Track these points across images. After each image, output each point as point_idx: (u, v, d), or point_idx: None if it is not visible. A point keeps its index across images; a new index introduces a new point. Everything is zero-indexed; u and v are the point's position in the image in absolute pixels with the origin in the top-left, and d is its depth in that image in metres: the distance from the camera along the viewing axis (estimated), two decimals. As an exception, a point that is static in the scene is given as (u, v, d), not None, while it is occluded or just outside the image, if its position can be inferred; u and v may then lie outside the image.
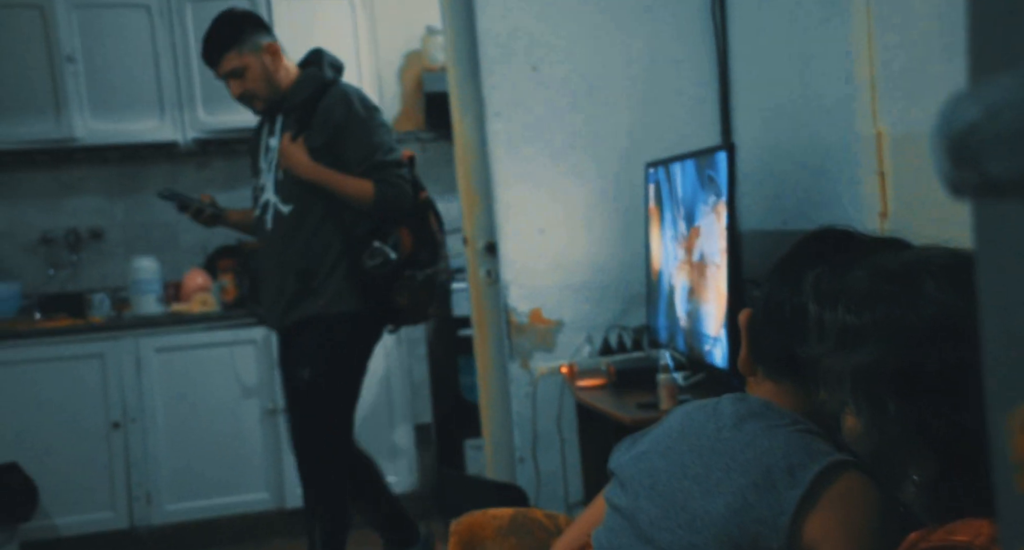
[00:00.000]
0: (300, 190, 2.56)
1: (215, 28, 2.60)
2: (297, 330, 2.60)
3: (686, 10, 2.52)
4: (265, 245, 2.66)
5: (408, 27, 4.12)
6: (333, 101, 2.56)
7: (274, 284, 2.62)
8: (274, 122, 2.64)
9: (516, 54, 2.57)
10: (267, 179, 2.62)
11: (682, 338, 2.22)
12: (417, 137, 4.24)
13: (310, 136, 2.53)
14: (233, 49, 2.56)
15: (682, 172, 2.22)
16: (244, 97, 2.60)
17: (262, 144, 2.67)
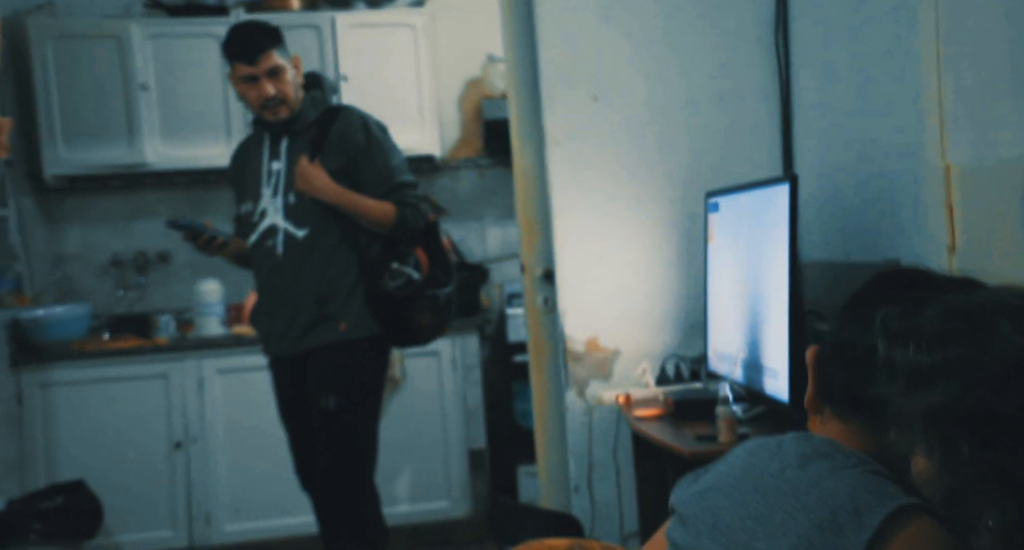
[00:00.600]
0: (315, 214, 2.53)
1: (255, 26, 2.57)
2: (314, 356, 2.56)
3: (749, 42, 2.52)
4: (272, 271, 2.57)
5: (469, 55, 4.18)
6: (350, 125, 2.56)
7: (285, 310, 2.56)
8: (276, 145, 2.59)
9: (577, 84, 2.59)
10: (272, 204, 2.56)
11: (741, 370, 2.19)
12: (475, 163, 4.29)
13: (325, 159, 2.52)
14: (276, 48, 2.52)
15: (743, 202, 2.20)
16: (273, 100, 2.51)
17: (263, 168, 2.59)
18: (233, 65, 2.53)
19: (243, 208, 2.64)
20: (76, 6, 3.99)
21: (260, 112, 2.55)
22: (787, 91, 2.48)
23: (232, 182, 2.73)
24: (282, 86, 2.52)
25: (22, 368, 3.49)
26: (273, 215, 2.56)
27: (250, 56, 2.49)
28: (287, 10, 3.95)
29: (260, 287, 2.65)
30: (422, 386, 3.77)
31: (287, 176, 2.55)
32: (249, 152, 2.67)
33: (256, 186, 2.59)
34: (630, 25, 2.57)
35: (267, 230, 2.56)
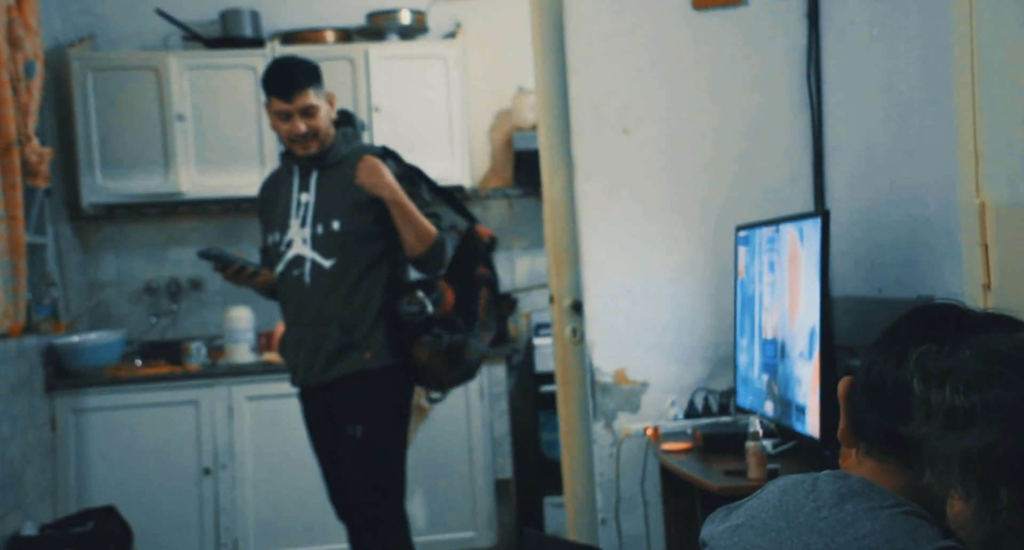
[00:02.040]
0: (342, 244, 2.56)
1: (296, 64, 2.61)
2: (341, 385, 2.57)
3: (781, 75, 2.52)
4: (299, 301, 2.60)
5: (500, 86, 4.23)
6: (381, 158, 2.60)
7: (311, 339, 2.58)
8: (306, 177, 2.62)
9: (608, 116, 2.61)
10: (299, 234, 2.59)
11: (771, 405, 2.18)
12: (505, 194, 4.32)
13: (356, 192, 2.54)
14: (313, 87, 2.57)
15: (774, 236, 2.20)
16: (305, 136, 2.55)
17: (292, 200, 2.62)
18: (269, 98, 2.59)
19: (270, 239, 2.67)
20: (117, 39, 4.09)
21: (290, 145, 2.61)
22: (819, 125, 2.48)
23: (260, 214, 2.76)
24: (314, 122, 2.56)
25: (56, 393, 3.54)
26: (300, 246, 2.59)
27: (286, 93, 2.54)
28: (322, 42, 4.02)
29: (287, 317, 2.67)
30: (449, 415, 3.78)
31: (316, 208, 2.58)
32: (278, 184, 2.71)
33: (284, 217, 2.63)
34: (661, 58, 2.59)
35: (293, 260, 2.59)
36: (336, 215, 2.57)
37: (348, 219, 2.57)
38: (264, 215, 2.73)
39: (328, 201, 2.58)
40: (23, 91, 3.27)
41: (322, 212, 2.57)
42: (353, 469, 2.58)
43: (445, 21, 4.21)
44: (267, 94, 2.60)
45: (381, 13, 4.07)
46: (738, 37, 2.55)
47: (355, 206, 2.56)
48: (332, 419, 2.61)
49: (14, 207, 3.18)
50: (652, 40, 2.59)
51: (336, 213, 2.57)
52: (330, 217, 2.57)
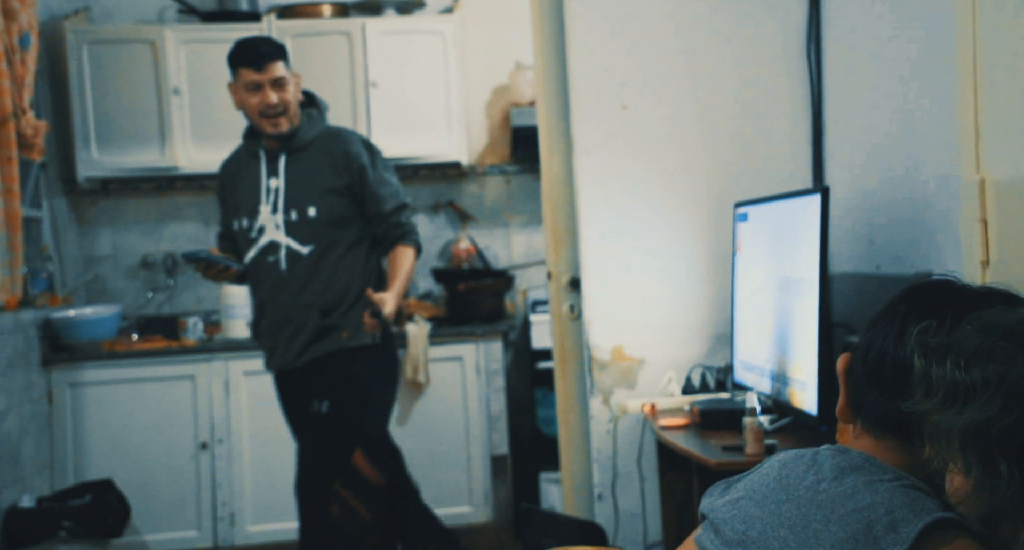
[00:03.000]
0: (318, 230, 2.57)
1: (264, 38, 2.66)
2: (316, 365, 2.60)
3: (781, 52, 2.51)
4: (274, 287, 2.60)
5: (497, 62, 4.20)
6: (352, 145, 2.61)
7: (289, 325, 2.59)
8: (273, 161, 2.60)
9: (606, 93, 2.59)
10: (271, 220, 2.57)
11: (768, 381, 2.18)
12: (502, 170, 4.31)
13: (332, 177, 2.57)
14: (283, 60, 2.58)
15: (772, 213, 2.20)
16: (276, 108, 2.54)
17: (261, 185, 2.60)
18: (238, 71, 2.56)
19: (236, 224, 2.64)
20: (112, 11, 4.05)
21: (259, 121, 2.56)
22: (818, 102, 2.47)
23: (222, 197, 2.73)
24: (285, 95, 2.55)
25: (53, 367, 3.54)
26: (273, 232, 2.57)
27: (258, 63, 2.53)
28: (318, 17, 3.99)
29: (260, 303, 2.66)
30: (445, 392, 3.79)
31: (288, 193, 2.56)
32: (240, 167, 2.67)
33: (253, 202, 2.60)
34: (660, 35, 2.57)
35: (267, 246, 2.58)
36: (311, 201, 2.56)
37: (324, 205, 2.56)
38: (227, 199, 2.69)
39: (300, 186, 2.56)
40: (18, 63, 3.24)
41: (295, 198, 2.56)
42: (310, 443, 2.61)
43: (443, -5, 4.18)
44: (235, 67, 2.57)
45: (378, -13, 4.03)
46: (738, 13, 2.54)
47: (330, 191, 2.56)
48: (297, 400, 2.65)
49: (10, 181, 3.16)
50: (651, 16, 2.57)
51: (311, 199, 2.56)
52: (304, 203, 2.56)
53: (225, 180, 2.71)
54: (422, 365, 3.74)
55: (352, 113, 3.91)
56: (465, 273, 4.08)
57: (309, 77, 3.91)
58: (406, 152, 3.96)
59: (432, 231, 4.28)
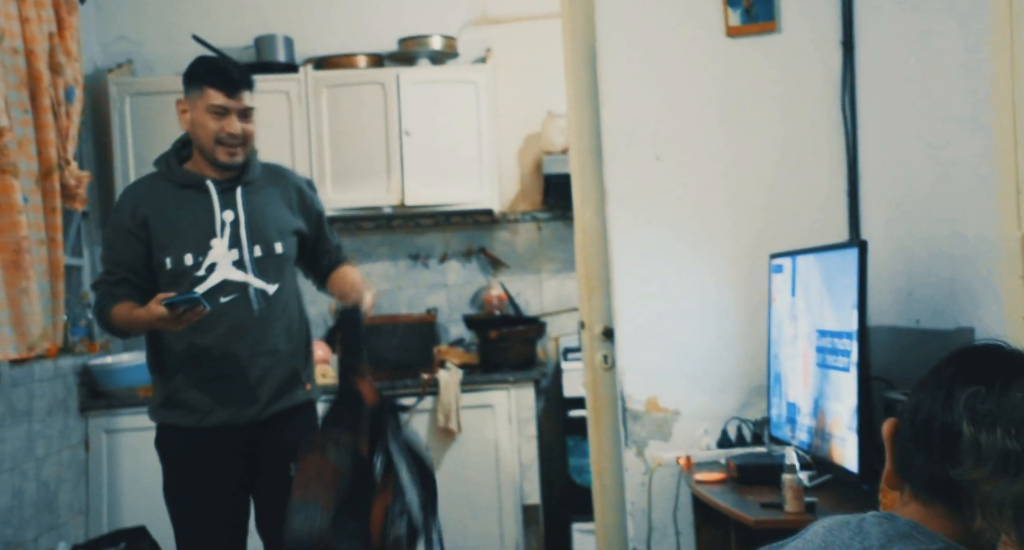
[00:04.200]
0: (283, 268, 2.38)
1: (238, 64, 2.44)
2: (282, 419, 2.35)
3: (815, 103, 2.51)
4: (231, 329, 2.31)
5: (529, 110, 4.24)
6: (304, 187, 2.49)
7: (251, 371, 2.31)
8: (227, 193, 2.35)
9: (640, 143, 2.61)
10: (226, 256, 2.32)
11: (806, 436, 2.15)
12: (534, 217, 4.33)
13: (288, 214, 2.41)
14: (252, 90, 2.38)
15: (809, 265, 2.19)
16: (239, 138, 2.32)
17: (215, 218, 2.32)
18: (203, 90, 2.31)
19: (170, 261, 2.31)
20: (154, 64, 4.16)
21: (214, 148, 2.32)
22: (853, 153, 2.47)
23: (132, 234, 2.33)
24: (250, 128, 2.36)
25: (90, 413, 3.57)
26: (229, 269, 2.33)
27: (231, 88, 2.31)
28: (354, 67, 4.06)
29: (206, 347, 2.31)
30: (477, 439, 3.77)
31: (250, 228, 2.34)
32: (166, 199, 2.35)
33: (202, 237, 2.32)
34: (693, 86, 2.59)
35: (220, 286, 2.31)
36: (277, 237, 2.37)
37: (287, 242, 2.40)
38: (147, 237, 2.33)
39: (263, 221, 2.37)
40: (63, 116, 3.33)
41: (258, 233, 2.35)
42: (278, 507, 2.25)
43: (475, 46, 4.24)
44: (199, 85, 2.32)
45: (412, 38, 4.10)
46: (771, 64, 2.55)
47: (294, 229, 2.42)
48: (257, 458, 2.35)
49: (53, 230, 3.23)
50: (685, 67, 2.59)
51: (275, 235, 2.37)
52: (269, 239, 2.36)
53: (145, 214, 2.34)
54: (454, 412, 3.73)
55: (386, 161, 3.97)
56: (497, 320, 4.08)
57: (344, 126, 3.98)
58: (438, 199, 4.00)
59: (464, 278, 4.29)
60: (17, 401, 3.13)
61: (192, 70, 2.37)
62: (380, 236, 4.28)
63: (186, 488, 2.38)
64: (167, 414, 2.36)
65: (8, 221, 2.94)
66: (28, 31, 3.15)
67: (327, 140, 3.97)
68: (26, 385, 3.20)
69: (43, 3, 3.25)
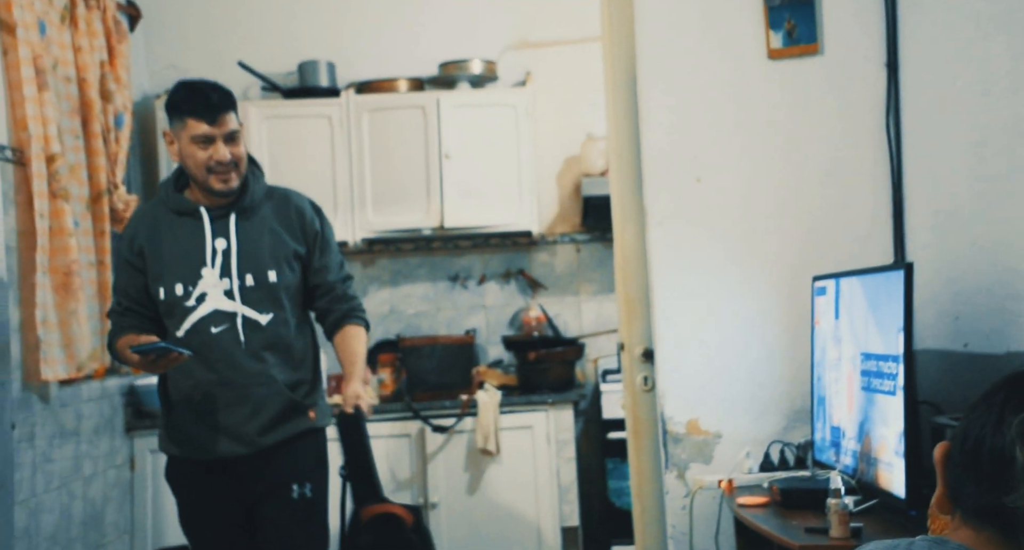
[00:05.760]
0: (279, 297, 2.32)
1: (215, 86, 2.32)
2: (283, 448, 2.31)
3: (858, 125, 2.50)
4: (226, 360, 2.27)
5: (568, 133, 4.27)
6: (306, 209, 2.41)
7: (247, 402, 2.27)
8: (220, 220, 2.30)
9: (680, 165, 2.61)
10: (217, 286, 2.27)
11: (851, 460, 2.12)
12: (573, 239, 4.34)
13: (286, 240, 2.34)
14: (235, 110, 2.30)
15: (853, 288, 2.17)
16: (230, 165, 2.25)
17: (205, 246, 2.29)
18: (185, 121, 2.24)
19: (162, 290, 2.29)
20: (200, 90, 4.24)
21: (206, 177, 2.26)
22: (898, 175, 2.45)
23: (131, 264, 2.33)
24: (239, 150, 2.28)
25: (135, 433, 3.63)
26: (220, 299, 2.27)
27: (211, 114, 2.23)
28: (394, 91, 4.12)
29: (201, 378, 2.28)
30: (515, 461, 3.77)
31: (241, 257, 2.29)
32: (159, 228, 2.32)
33: (191, 267, 2.28)
34: (735, 108, 2.59)
35: (210, 316, 2.27)
36: (270, 265, 2.31)
37: (283, 270, 2.32)
38: (144, 267, 2.31)
39: (256, 249, 2.31)
40: (112, 142, 3.42)
41: (251, 261, 2.30)
42: (295, 531, 2.33)
43: (515, 69, 4.28)
44: (180, 116, 2.26)
45: (453, 62, 4.15)
46: (813, 87, 2.54)
47: (291, 255, 2.34)
48: (253, 491, 2.31)
49: (102, 253, 3.30)
50: (726, 90, 2.59)
51: (269, 263, 2.31)
52: (262, 267, 2.30)
53: (142, 243, 2.32)
54: (492, 434, 3.73)
55: (426, 184, 4.01)
56: (535, 341, 4.09)
57: (385, 149, 4.03)
58: (477, 221, 4.03)
59: (502, 299, 4.31)
60: (66, 421, 3.20)
61: (171, 100, 2.31)
62: (419, 258, 4.32)
63: (194, 519, 2.37)
64: (169, 446, 2.37)
65: (60, 244, 3.01)
66: (80, 60, 3.24)
67: (368, 163, 4.02)
68: (74, 405, 3.27)
69: (95, 32, 3.35)
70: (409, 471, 3.76)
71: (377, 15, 4.29)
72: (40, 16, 2.98)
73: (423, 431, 3.78)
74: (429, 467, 3.77)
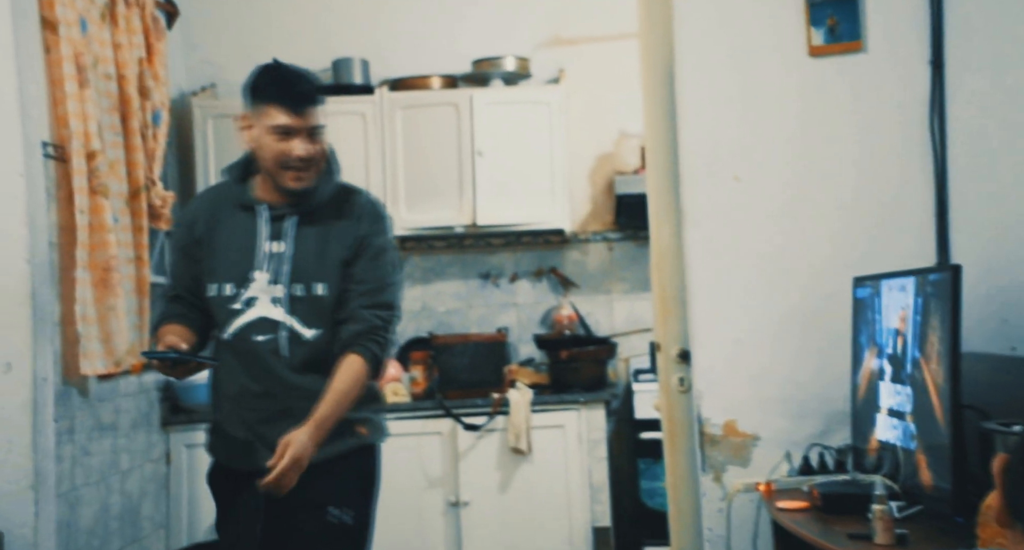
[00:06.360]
0: (326, 312, 2.11)
1: (306, 75, 2.14)
2: (327, 465, 2.09)
3: (900, 123, 2.46)
4: (263, 370, 2.09)
5: (601, 130, 4.25)
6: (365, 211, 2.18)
7: (290, 416, 2.04)
8: (278, 221, 2.12)
9: (718, 163, 2.58)
10: (267, 292, 2.09)
11: (894, 464, 2.09)
12: (605, 237, 4.32)
13: (338, 247, 2.13)
14: (322, 106, 2.11)
15: (896, 290, 2.13)
16: (306, 161, 2.07)
17: (257, 247, 2.11)
18: (265, 108, 2.05)
19: (213, 289, 2.13)
20: (235, 87, 4.22)
21: (279, 172, 2.07)
22: (942, 175, 2.40)
23: (186, 252, 2.18)
24: (319, 149, 2.09)
25: (171, 428, 3.66)
26: (268, 306, 2.09)
27: (298, 104, 2.04)
28: (428, 89, 4.12)
29: (246, 386, 2.12)
30: (547, 460, 3.76)
31: (295, 264, 2.10)
32: (219, 218, 2.16)
33: (244, 267, 2.10)
34: (774, 106, 2.55)
35: (257, 323, 2.09)
36: (320, 276, 2.11)
37: (334, 281, 2.12)
38: (200, 257, 2.16)
39: (311, 257, 2.11)
40: (150, 138, 3.44)
41: (304, 270, 2.10)
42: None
43: (548, 66, 4.27)
44: (260, 100, 2.07)
45: (486, 60, 4.15)
46: (856, 84, 2.50)
47: (340, 263, 2.12)
48: (288, 506, 2.06)
49: (140, 249, 3.33)
50: (765, 87, 2.56)
51: (320, 274, 2.11)
52: (313, 278, 2.10)
53: (199, 231, 2.17)
54: (524, 432, 3.73)
55: (458, 181, 4.00)
56: (567, 340, 4.08)
57: (418, 146, 4.03)
58: (510, 219, 4.02)
59: (534, 297, 4.30)
60: (104, 415, 3.23)
61: (254, 82, 2.11)
62: (451, 255, 4.31)
63: (228, 526, 2.20)
64: (214, 450, 2.24)
65: (99, 240, 3.04)
66: (120, 57, 3.27)
67: (401, 161, 4.03)
68: (112, 400, 3.30)
69: (134, 29, 3.38)
70: (440, 469, 3.77)
71: (410, 12, 4.29)
72: (81, 14, 3.01)
73: (455, 429, 3.78)
74: (460, 465, 3.77)
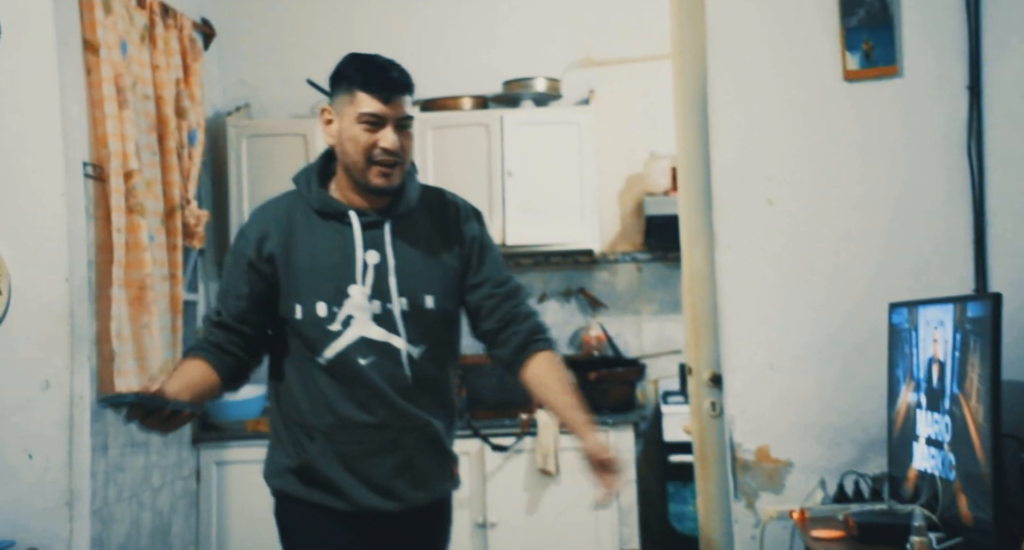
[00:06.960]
0: (434, 327, 1.93)
1: (393, 63, 1.92)
2: (425, 512, 1.95)
3: (937, 148, 2.44)
4: (371, 398, 1.89)
5: (631, 151, 4.25)
6: (461, 212, 2.02)
7: (397, 452, 1.90)
8: (372, 229, 1.91)
9: (751, 186, 2.57)
10: (366, 308, 1.88)
11: (934, 495, 2.06)
12: (634, 258, 4.31)
13: (443, 254, 1.96)
14: (412, 97, 1.92)
15: (934, 316, 2.11)
16: (396, 155, 1.87)
17: (356, 260, 1.89)
18: (354, 94, 1.85)
19: (300, 311, 1.89)
20: (268, 107, 4.32)
21: (366, 167, 1.87)
22: (980, 200, 2.38)
23: (255, 269, 1.92)
24: (408, 142, 1.90)
25: (201, 445, 3.69)
26: (364, 325, 1.88)
27: (387, 92, 1.84)
28: (458, 109, 4.14)
29: (343, 417, 1.89)
30: (575, 481, 3.74)
31: (400, 275, 1.90)
32: (296, 231, 1.92)
33: (337, 283, 1.88)
34: (808, 129, 2.54)
35: (358, 344, 1.88)
36: (427, 288, 1.92)
37: (441, 292, 1.94)
38: (271, 275, 1.92)
39: (413, 267, 1.92)
40: (185, 157, 3.49)
41: (407, 282, 1.90)
42: None
43: (579, 88, 4.28)
44: (352, 88, 1.86)
45: (517, 80, 4.17)
46: (891, 109, 2.48)
47: (449, 274, 1.95)
48: None
49: (174, 267, 3.37)
50: (800, 111, 2.55)
51: (429, 285, 1.93)
52: (421, 290, 1.92)
53: (270, 246, 1.92)
54: (552, 454, 3.71)
55: (488, 201, 4.02)
56: (596, 361, 4.06)
57: (448, 166, 4.05)
58: (539, 239, 4.03)
59: (562, 318, 4.29)
60: (136, 432, 3.26)
61: (341, 70, 1.90)
62: (481, 275, 4.32)
63: None
64: (297, 485, 1.95)
65: (135, 259, 3.08)
66: (158, 77, 3.32)
67: (431, 180, 4.04)
68: (144, 416, 3.32)
69: (172, 50, 3.43)
70: (468, 490, 3.75)
71: (441, 33, 4.33)
72: (122, 36, 3.06)
73: (482, 450, 3.77)
74: (488, 486, 3.76)
